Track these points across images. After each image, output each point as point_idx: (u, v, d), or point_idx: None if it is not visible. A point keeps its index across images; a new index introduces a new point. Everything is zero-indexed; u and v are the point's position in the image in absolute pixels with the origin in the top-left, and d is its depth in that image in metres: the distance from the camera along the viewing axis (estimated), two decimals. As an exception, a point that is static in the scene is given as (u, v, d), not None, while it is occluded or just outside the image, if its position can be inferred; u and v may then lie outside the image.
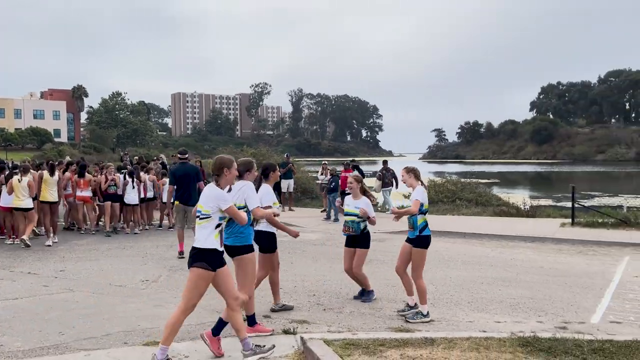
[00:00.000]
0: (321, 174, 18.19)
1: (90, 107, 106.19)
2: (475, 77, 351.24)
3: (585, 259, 10.52)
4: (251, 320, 5.76)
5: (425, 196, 6.51)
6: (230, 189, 5.28)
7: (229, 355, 5.12)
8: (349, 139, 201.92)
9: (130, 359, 5.07)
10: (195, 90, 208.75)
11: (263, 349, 5.05)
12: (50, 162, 12.59)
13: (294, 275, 8.75)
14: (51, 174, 11.85)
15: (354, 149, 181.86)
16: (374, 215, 7.12)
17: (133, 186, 13.27)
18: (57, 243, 11.54)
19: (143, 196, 13.76)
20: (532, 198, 24.24)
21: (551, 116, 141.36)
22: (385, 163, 18.70)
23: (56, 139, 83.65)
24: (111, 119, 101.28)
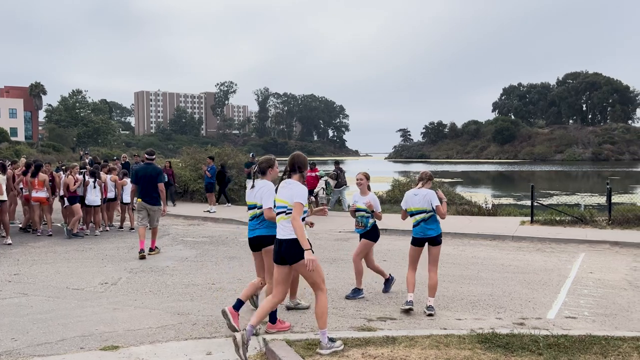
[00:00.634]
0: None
1: (49, 106, 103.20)
2: (439, 78, 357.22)
3: (543, 256, 10.80)
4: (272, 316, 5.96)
5: None
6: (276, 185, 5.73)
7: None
8: (315, 138, 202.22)
9: (86, 364, 4.94)
10: (159, 89, 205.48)
11: (335, 344, 5.14)
12: (0, 162, 12.22)
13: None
14: (2, 173, 11.50)
15: (321, 149, 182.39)
16: (379, 210, 7.49)
17: (95, 186, 12.94)
18: (12, 245, 11.16)
19: (104, 197, 13.45)
20: (494, 197, 24.82)
21: (512, 117, 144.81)
22: (337, 163, 18.98)
23: (13, 138, 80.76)
24: (71, 118, 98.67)
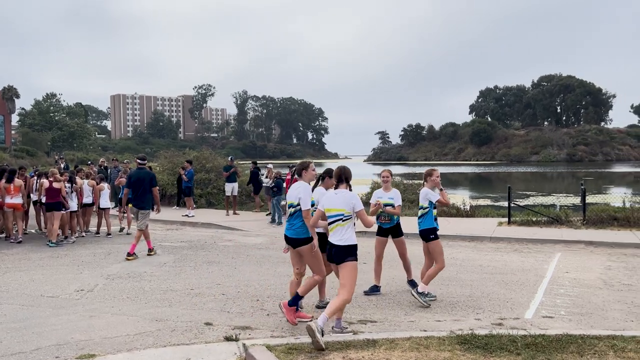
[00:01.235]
0: (266, 177, 18.07)
1: (23, 109, 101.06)
2: (418, 81, 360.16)
3: (520, 256, 10.95)
4: (295, 300, 6.31)
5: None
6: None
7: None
8: (295, 141, 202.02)
9: (62, 374, 4.83)
10: (136, 92, 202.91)
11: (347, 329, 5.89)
12: None
13: (237, 280, 8.62)
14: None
15: (300, 152, 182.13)
16: (399, 204, 7.95)
17: (72, 191, 12.69)
18: (-16, 253, 10.89)
19: (80, 202, 13.19)
20: (472, 198, 25.09)
21: (489, 119, 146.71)
22: (290, 167, 19.01)
23: (-15, 143, 78.96)
24: (45, 122, 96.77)
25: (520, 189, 36.57)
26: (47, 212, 12.16)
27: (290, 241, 6.39)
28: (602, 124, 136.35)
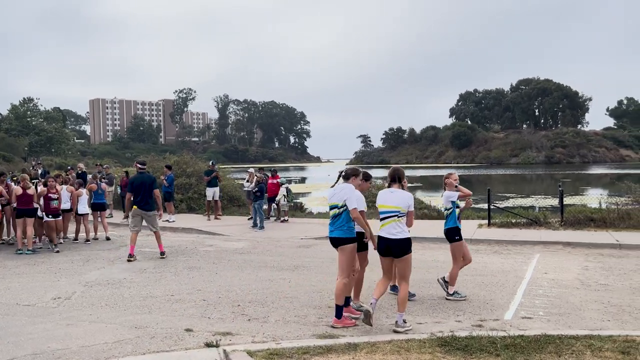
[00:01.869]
0: (247, 181, 18.00)
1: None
2: (399, 85, 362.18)
3: (500, 258, 11.07)
4: (346, 301, 6.56)
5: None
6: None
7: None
8: (277, 145, 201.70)
9: (37, 384, 4.73)
10: (116, 96, 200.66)
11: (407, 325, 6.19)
12: None
13: (218, 286, 8.56)
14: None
15: (282, 155, 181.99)
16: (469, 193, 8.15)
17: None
18: (-42, 261, 10.65)
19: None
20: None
21: (469, 122, 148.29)
22: (261, 170, 19.06)
23: (-40, 148, 77.24)
24: (22, 127, 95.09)
25: (500, 191, 37.02)
26: (18, 219, 11.85)
27: (334, 241, 6.55)
28: (579, 126, 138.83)
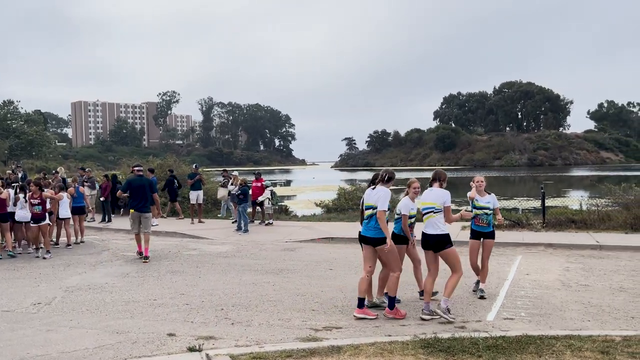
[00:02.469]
0: (231, 184, 17.92)
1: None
2: (383, 88, 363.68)
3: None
4: (361, 302, 6.88)
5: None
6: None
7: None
8: (262, 148, 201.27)
9: (16, 391, 4.66)
10: (98, 99, 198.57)
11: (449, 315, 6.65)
12: None
13: (201, 290, 8.50)
14: None
15: (267, 158, 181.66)
16: (498, 206, 8.43)
17: (26, 201, 12.29)
18: None
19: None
20: (436, 203, 25.35)
21: (453, 125, 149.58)
22: (225, 171, 19.08)
23: (-63, 152, 75.86)
24: (2, 129, 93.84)
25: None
26: None
27: (370, 241, 6.84)
28: (561, 129, 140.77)
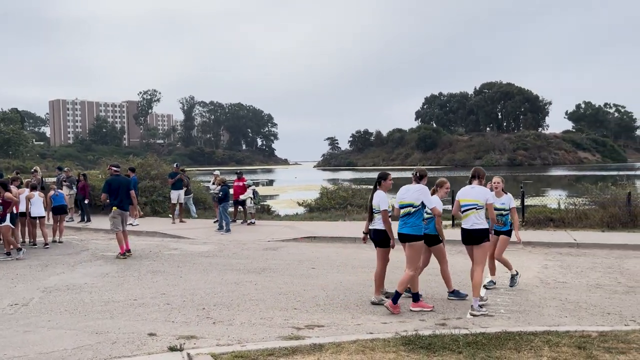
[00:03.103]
0: (212, 183, 17.82)
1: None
2: (366, 88, 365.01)
3: (464, 257, 11.20)
4: (416, 297, 7.15)
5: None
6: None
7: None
8: (244, 147, 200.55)
9: (-8, 393, 4.58)
10: (77, 97, 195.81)
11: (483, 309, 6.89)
12: None
13: (183, 289, 8.44)
14: None
15: (250, 158, 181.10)
16: (514, 206, 8.54)
17: None
18: None
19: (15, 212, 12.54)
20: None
21: (434, 125, 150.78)
22: (183, 171, 19.01)
23: None
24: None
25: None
26: None
27: (405, 237, 7.08)
28: (540, 129, 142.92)
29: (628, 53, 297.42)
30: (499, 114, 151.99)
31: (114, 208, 11.66)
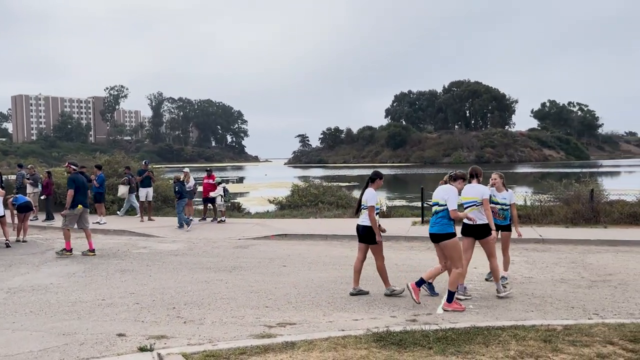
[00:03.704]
0: (185, 181, 17.59)
1: None
2: (336, 86, 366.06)
3: (432, 254, 11.37)
4: (450, 297, 7.16)
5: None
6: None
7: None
8: (213, 144, 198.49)
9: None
10: (41, 93, 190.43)
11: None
12: None
13: (152, 289, 8.33)
14: None
15: (219, 155, 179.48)
16: (514, 201, 8.71)
17: None
18: None
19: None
20: (388, 199, 25.85)
21: (404, 122, 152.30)
22: (128, 169, 18.92)
23: None
24: None
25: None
26: None
27: (435, 237, 7.30)
28: (507, 127, 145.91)
29: (592, 53, 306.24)
30: (467, 112, 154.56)
31: (79, 206, 11.43)
